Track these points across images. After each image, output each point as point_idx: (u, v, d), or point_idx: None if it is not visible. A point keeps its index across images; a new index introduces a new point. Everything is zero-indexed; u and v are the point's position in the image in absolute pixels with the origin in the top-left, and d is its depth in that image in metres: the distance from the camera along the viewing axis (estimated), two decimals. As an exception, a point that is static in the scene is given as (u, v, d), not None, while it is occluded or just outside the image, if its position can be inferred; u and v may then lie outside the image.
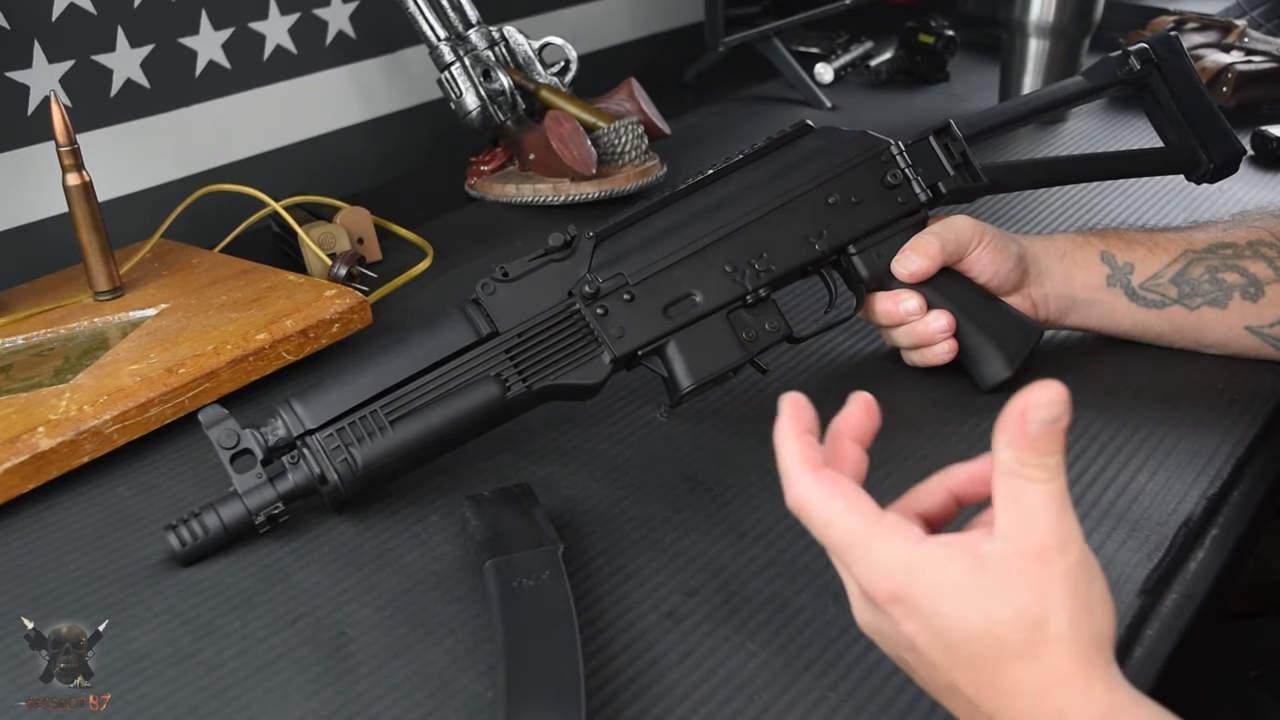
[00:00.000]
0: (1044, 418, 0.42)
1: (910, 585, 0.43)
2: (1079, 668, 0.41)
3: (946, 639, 0.43)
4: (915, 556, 0.43)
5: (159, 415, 0.74)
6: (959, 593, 0.42)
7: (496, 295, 0.67)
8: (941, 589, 0.43)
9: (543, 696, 0.50)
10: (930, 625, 0.43)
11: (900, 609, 0.44)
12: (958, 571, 0.43)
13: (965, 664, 0.43)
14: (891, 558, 0.44)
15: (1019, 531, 0.42)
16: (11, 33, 0.95)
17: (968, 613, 0.42)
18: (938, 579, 0.43)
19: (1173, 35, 0.84)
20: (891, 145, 0.76)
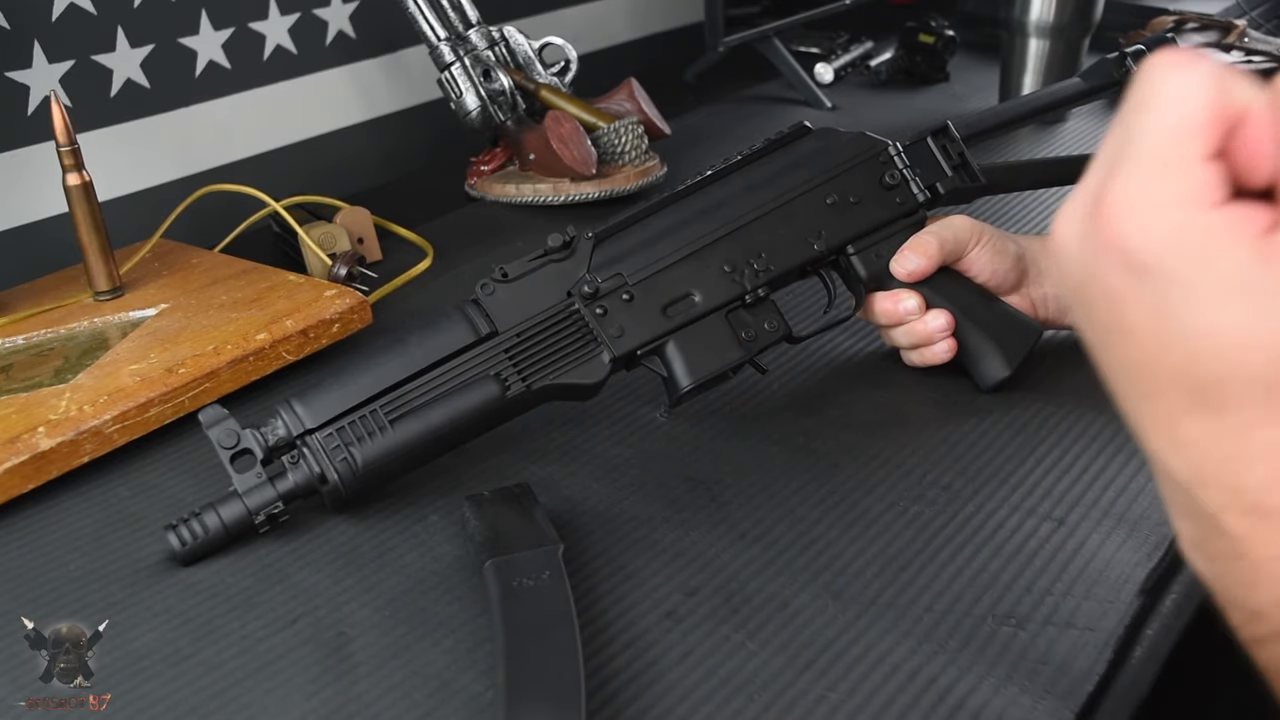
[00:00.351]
0: None
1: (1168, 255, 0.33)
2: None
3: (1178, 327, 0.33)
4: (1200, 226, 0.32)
5: (159, 415, 0.74)
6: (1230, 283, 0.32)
7: (496, 295, 0.67)
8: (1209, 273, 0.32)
9: (543, 696, 0.50)
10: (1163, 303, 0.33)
11: (1129, 274, 0.34)
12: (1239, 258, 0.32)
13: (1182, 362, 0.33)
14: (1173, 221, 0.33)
15: None
16: (11, 33, 0.95)
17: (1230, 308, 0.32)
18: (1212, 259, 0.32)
19: (1169, 37, 0.84)
20: (889, 146, 0.76)
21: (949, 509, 0.64)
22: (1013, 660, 0.53)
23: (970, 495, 0.65)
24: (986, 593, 0.58)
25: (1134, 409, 0.36)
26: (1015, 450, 0.69)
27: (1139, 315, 0.34)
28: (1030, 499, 0.65)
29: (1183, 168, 0.33)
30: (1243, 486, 0.33)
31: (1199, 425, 0.34)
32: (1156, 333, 0.33)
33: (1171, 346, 0.33)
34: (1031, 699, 0.51)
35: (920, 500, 0.65)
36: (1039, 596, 0.57)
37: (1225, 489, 0.34)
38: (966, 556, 0.60)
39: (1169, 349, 0.33)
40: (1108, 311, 0.35)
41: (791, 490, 0.67)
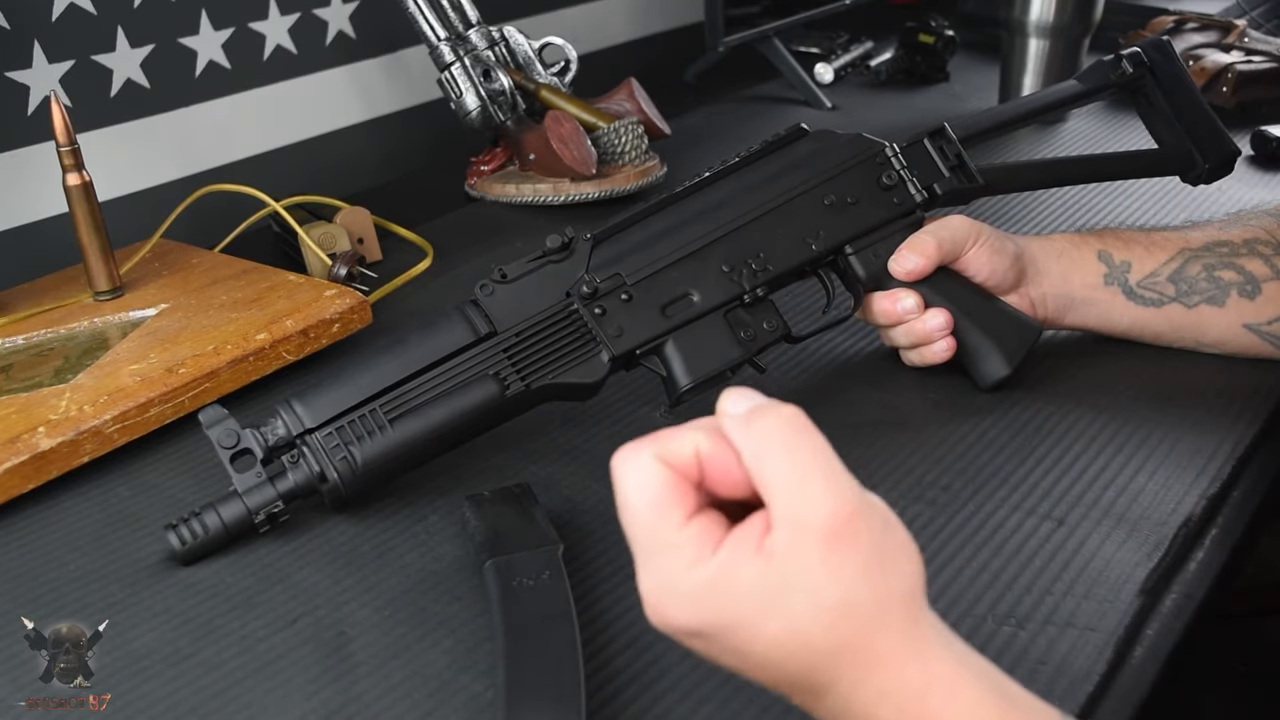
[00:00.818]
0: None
1: (702, 616, 0.40)
2: (890, 645, 0.39)
3: (750, 657, 0.40)
4: (707, 580, 0.40)
5: (159, 415, 0.74)
6: (757, 605, 0.39)
7: (495, 296, 0.67)
8: (737, 609, 0.39)
9: (543, 696, 0.50)
10: (728, 647, 0.41)
11: (700, 641, 0.41)
12: (749, 581, 0.39)
13: (775, 672, 0.41)
14: (689, 588, 0.40)
15: (798, 513, 0.39)
16: (11, 33, 0.95)
17: (769, 625, 0.39)
18: (732, 598, 0.39)
19: (1165, 39, 0.85)
20: (886, 147, 0.76)
21: (949, 509, 0.64)
22: (1013, 660, 0.53)
23: (970, 495, 0.65)
24: (986, 593, 0.58)
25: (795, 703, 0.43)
26: (1015, 450, 0.69)
27: (726, 659, 0.41)
28: (1030, 499, 0.65)
29: (670, 544, 0.40)
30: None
31: (825, 705, 0.41)
32: (744, 664, 0.41)
33: (761, 666, 0.40)
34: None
35: (920, 500, 0.65)
36: (1039, 596, 0.57)
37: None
38: (966, 556, 0.60)
39: (762, 668, 0.40)
40: (722, 663, 0.42)
41: (791, 490, 0.67)
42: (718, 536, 0.40)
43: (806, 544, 0.39)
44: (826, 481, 0.39)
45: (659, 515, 0.40)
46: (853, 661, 0.39)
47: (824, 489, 0.39)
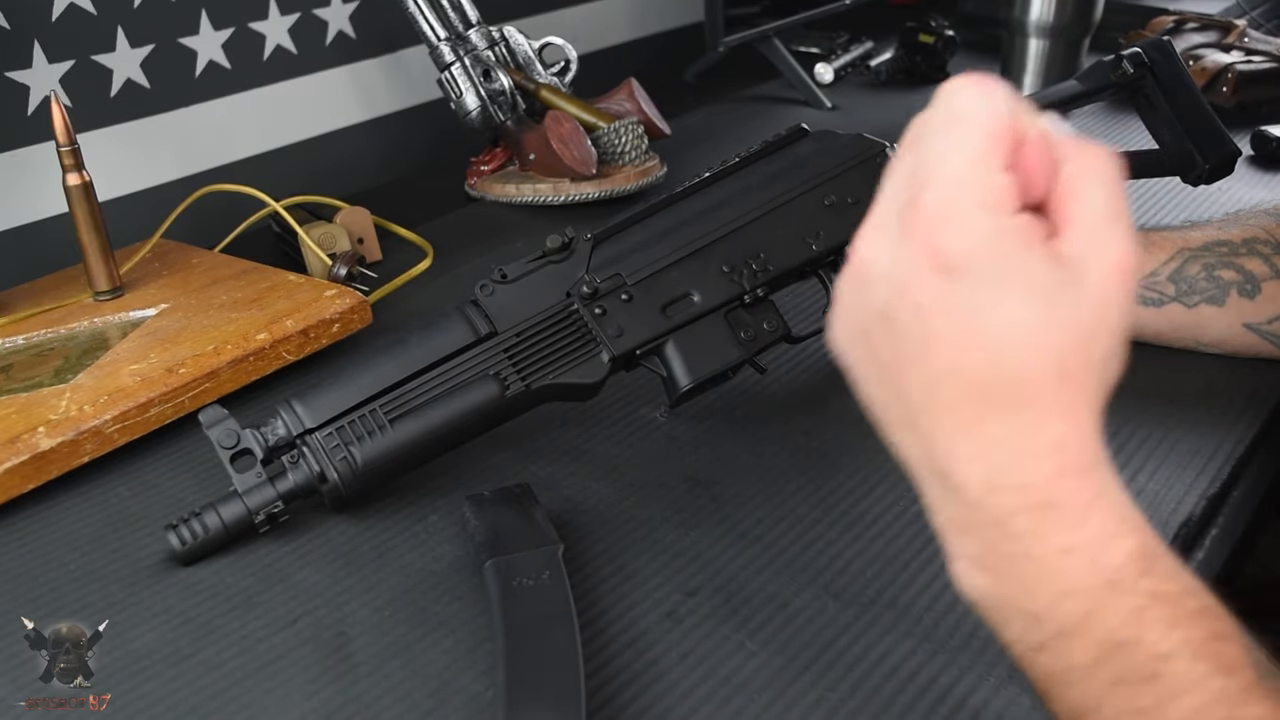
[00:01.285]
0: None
1: (980, 253, 0.36)
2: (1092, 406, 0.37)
3: (980, 321, 0.36)
4: (1003, 229, 0.36)
5: (159, 415, 0.74)
6: (1028, 280, 0.35)
7: (495, 297, 0.67)
8: (1010, 269, 0.35)
9: (543, 696, 0.50)
10: (970, 299, 0.36)
11: (941, 274, 0.36)
12: (1034, 259, 0.36)
13: (983, 357, 0.36)
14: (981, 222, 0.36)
15: (1104, 237, 0.36)
16: (11, 33, 0.95)
17: (1029, 303, 0.35)
18: (1012, 258, 0.36)
19: (1165, 39, 0.85)
20: (887, 148, 0.76)
21: (949, 509, 0.64)
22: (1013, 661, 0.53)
23: (970, 495, 0.65)
24: (986, 593, 0.57)
25: (927, 426, 0.38)
26: (1015, 450, 0.69)
27: (945, 321, 0.36)
28: (1030, 499, 0.65)
29: (989, 177, 0.36)
30: (1031, 484, 0.36)
31: (996, 428, 0.36)
32: (962, 335, 0.36)
33: (975, 347, 0.36)
34: (1031, 699, 0.51)
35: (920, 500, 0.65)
36: (1039, 596, 0.57)
37: (1016, 489, 0.36)
38: (966, 556, 0.60)
39: (972, 351, 0.36)
40: (913, 324, 0.37)
41: (791, 490, 0.67)
42: (1019, 206, 0.37)
43: (1096, 263, 0.36)
44: (1129, 229, 0.37)
45: (991, 143, 0.36)
46: (1062, 394, 0.36)
47: (1127, 233, 0.37)
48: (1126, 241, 0.37)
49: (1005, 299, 0.35)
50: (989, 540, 0.37)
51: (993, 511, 0.37)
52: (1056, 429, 0.36)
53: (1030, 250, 0.36)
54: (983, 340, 0.36)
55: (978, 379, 0.36)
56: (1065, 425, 0.36)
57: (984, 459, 0.37)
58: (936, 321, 0.36)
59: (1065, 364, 0.36)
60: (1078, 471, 0.36)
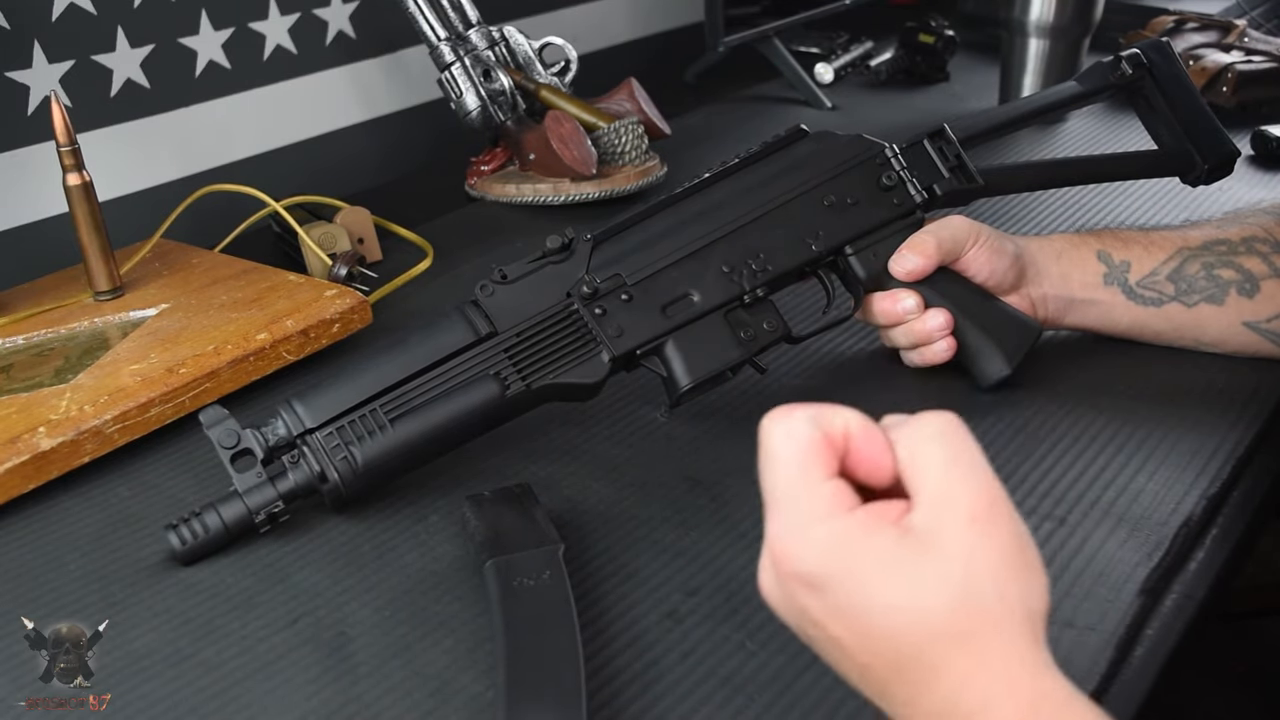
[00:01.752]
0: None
1: (827, 565, 0.39)
2: (1007, 650, 0.38)
3: (864, 621, 0.39)
4: (840, 532, 0.39)
5: (159, 415, 0.74)
6: (883, 568, 0.38)
7: (495, 297, 0.67)
8: (863, 566, 0.39)
9: (543, 696, 0.50)
10: (845, 605, 0.39)
11: (814, 596, 0.40)
12: (881, 545, 0.39)
13: (883, 646, 0.39)
14: (820, 534, 0.40)
15: (947, 495, 0.39)
16: (11, 33, 0.95)
17: (892, 589, 0.38)
18: (860, 555, 0.39)
19: (1164, 40, 0.85)
20: (886, 148, 0.76)
21: (949, 509, 0.64)
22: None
23: (970, 495, 0.65)
24: (986, 593, 0.57)
25: (883, 705, 0.41)
26: (1015, 450, 0.69)
27: (835, 625, 0.40)
28: (1030, 499, 0.65)
29: (812, 491, 0.40)
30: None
31: (925, 699, 0.39)
32: (854, 632, 0.39)
33: (870, 636, 0.39)
34: (1031, 699, 0.51)
35: (920, 500, 0.65)
36: (1039, 596, 0.57)
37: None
38: (966, 556, 0.60)
39: (871, 639, 0.39)
40: (819, 633, 0.41)
41: (791, 490, 0.67)
42: (855, 503, 0.40)
43: (946, 521, 0.39)
44: (974, 468, 0.40)
45: (802, 466, 0.40)
46: (966, 651, 0.38)
47: (971, 473, 0.39)
48: (975, 485, 0.39)
49: (870, 591, 0.39)
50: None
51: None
52: (978, 687, 0.38)
53: (876, 536, 0.39)
54: (870, 633, 0.39)
55: (891, 665, 0.39)
56: (985, 681, 0.38)
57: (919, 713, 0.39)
58: (831, 627, 0.40)
59: (950, 628, 0.38)
60: (1022, 715, 0.38)
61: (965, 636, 0.38)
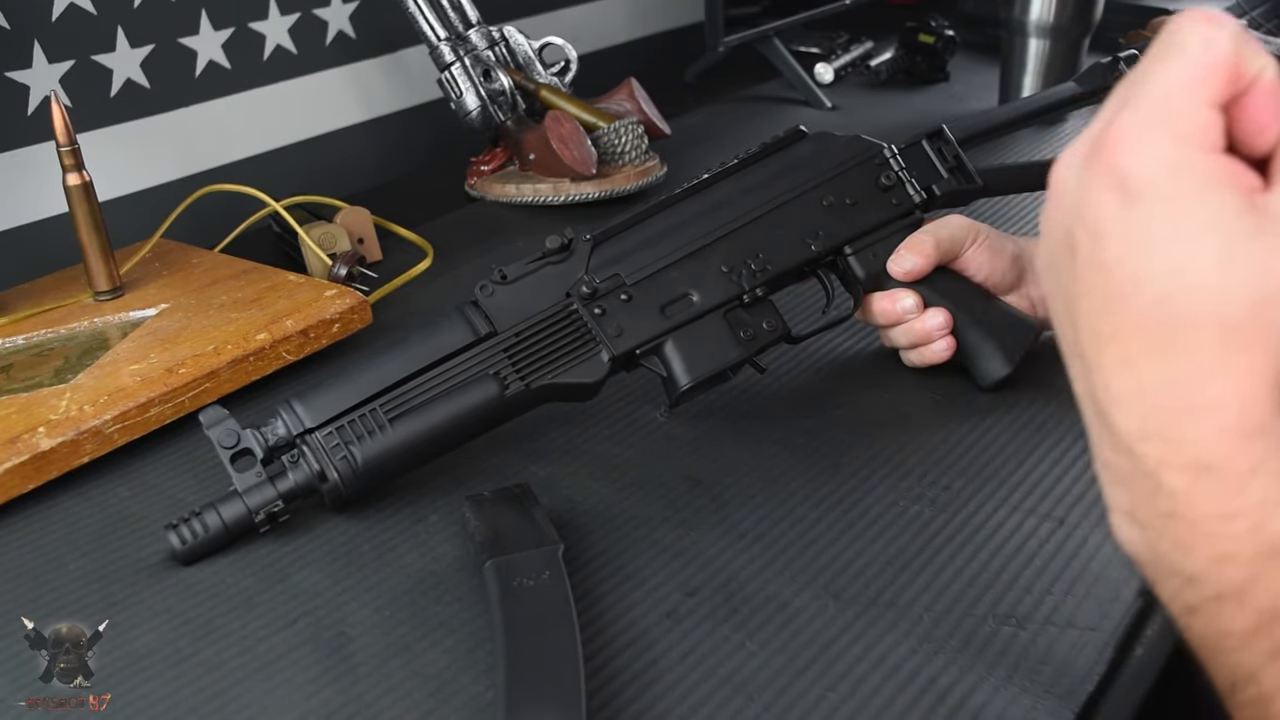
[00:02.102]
0: None
1: (1158, 177, 0.34)
2: (1266, 371, 0.33)
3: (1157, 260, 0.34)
4: (1192, 161, 0.34)
5: (159, 415, 0.74)
6: (1209, 224, 0.33)
7: (495, 297, 0.67)
8: (1191, 208, 0.33)
9: (543, 696, 0.50)
10: (1146, 234, 0.34)
11: (1119, 198, 0.34)
12: (1222, 201, 0.33)
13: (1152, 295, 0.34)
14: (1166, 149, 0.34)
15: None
16: (11, 33, 0.95)
17: (1206, 249, 0.33)
18: (1196, 195, 0.33)
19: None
20: (885, 149, 0.76)
21: (949, 509, 0.64)
22: (1013, 660, 0.53)
23: (970, 495, 0.65)
24: (987, 593, 0.58)
25: (1092, 357, 0.36)
26: (1015, 450, 0.69)
27: (1119, 248, 0.34)
28: (1030, 499, 0.65)
29: (1189, 107, 0.34)
30: (1186, 440, 0.34)
31: (1154, 372, 0.34)
32: (1134, 267, 0.34)
33: (1145, 281, 0.34)
34: (1032, 699, 0.51)
35: (920, 500, 0.65)
36: (1039, 596, 0.57)
37: (1168, 442, 0.34)
38: (966, 556, 0.60)
39: (1142, 284, 0.34)
40: (1089, 248, 0.35)
41: (791, 490, 0.67)
42: (1222, 146, 0.35)
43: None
44: None
45: (1200, 78, 0.34)
46: (1229, 349, 0.33)
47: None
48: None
49: (1183, 238, 0.33)
50: (1142, 494, 0.36)
51: (1144, 462, 0.35)
52: (1215, 387, 0.33)
53: (1220, 191, 0.33)
54: (1151, 274, 0.34)
55: (1142, 315, 0.34)
56: (1225, 385, 0.33)
57: (1139, 402, 0.35)
58: (1111, 247, 0.35)
59: (1230, 319, 0.33)
60: (1239, 435, 0.33)
61: (1239, 335, 0.33)
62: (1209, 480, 0.34)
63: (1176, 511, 0.34)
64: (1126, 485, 0.36)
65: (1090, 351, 0.36)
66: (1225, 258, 0.33)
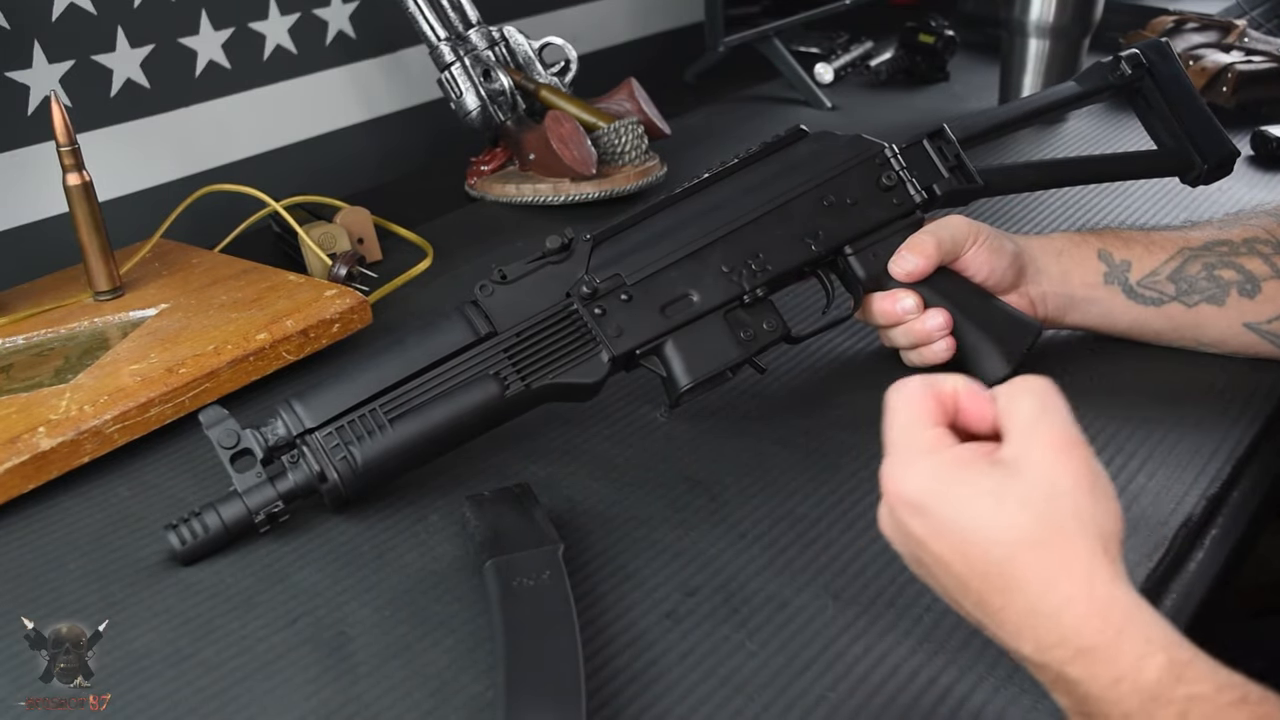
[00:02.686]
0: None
1: (929, 489, 0.45)
2: (1083, 560, 0.42)
3: (960, 536, 0.44)
4: (940, 463, 0.46)
5: (159, 415, 0.74)
6: (976, 490, 0.44)
7: (495, 297, 0.67)
8: (959, 490, 0.45)
9: (543, 696, 0.50)
10: (944, 523, 0.45)
11: (918, 519, 0.46)
12: (975, 472, 0.45)
13: (977, 556, 0.44)
14: (925, 465, 0.46)
15: (1033, 430, 0.45)
16: (11, 33, 0.95)
17: (983, 507, 0.44)
18: (957, 480, 0.45)
19: (1163, 41, 0.85)
20: (885, 148, 0.76)
21: (949, 509, 0.64)
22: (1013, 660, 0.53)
23: (970, 495, 0.65)
24: (986, 593, 0.57)
25: (981, 618, 0.46)
26: (1015, 450, 0.69)
27: (937, 543, 0.45)
28: (1030, 499, 0.65)
29: (920, 433, 0.47)
30: (1065, 636, 0.42)
31: (1016, 599, 0.43)
32: (952, 547, 0.45)
33: (967, 549, 0.44)
34: (1031, 699, 0.51)
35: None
36: (1039, 596, 0.57)
37: (1057, 645, 0.42)
38: (966, 556, 0.60)
39: (967, 552, 0.44)
40: (924, 553, 0.46)
41: (791, 490, 0.67)
42: (955, 444, 0.47)
43: (1031, 449, 0.45)
44: (1059, 413, 0.46)
45: (915, 416, 0.48)
46: (1048, 559, 0.43)
47: (1057, 416, 0.45)
48: (1059, 426, 0.45)
49: (963, 510, 0.44)
50: (1068, 695, 0.44)
51: (1053, 669, 0.43)
52: (1061, 589, 0.42)
53: (971, 466, 0.45)
54: (965, 547, 0.44)
55: (983, 576, 0.44)
56: (1066, 584, 0.42)
57: (1024, 625, 0.44)
58: (933, 547, 0.46)
59: (1033, 537, 0.43)
60: (1098, 614, 0.42)
61: (1047, 545, 0.43)
62: (1093, 660, 0.42)
63: (1088, 694, 0.42)
64: (1057, 693, 0.45)
65: (976, 614, 0.46)
66: (997, 503, 0.44)
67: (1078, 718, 0.44)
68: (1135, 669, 0.41)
